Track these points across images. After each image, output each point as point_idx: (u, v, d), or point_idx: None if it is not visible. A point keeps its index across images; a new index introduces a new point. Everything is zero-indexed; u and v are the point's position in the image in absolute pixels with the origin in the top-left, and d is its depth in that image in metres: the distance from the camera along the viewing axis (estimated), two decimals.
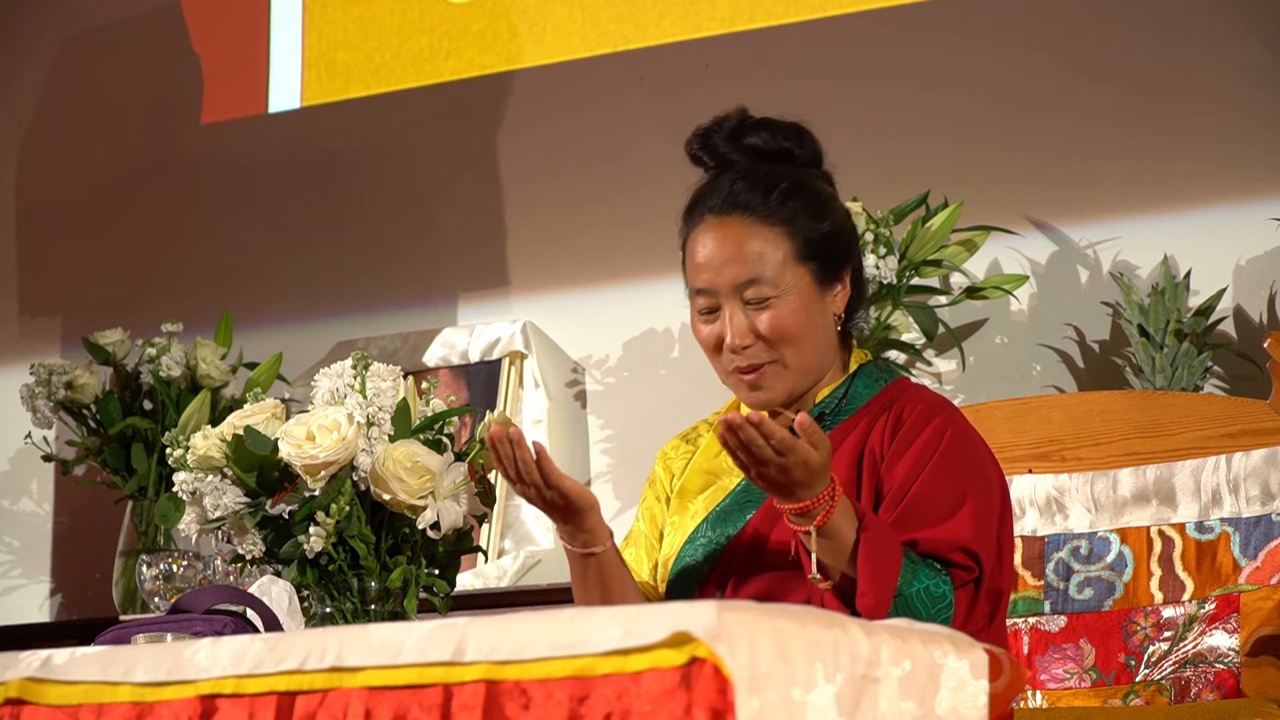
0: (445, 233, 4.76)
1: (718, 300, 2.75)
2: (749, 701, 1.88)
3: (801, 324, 2.74)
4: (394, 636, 2.06)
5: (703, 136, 2.83)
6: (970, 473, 2.70)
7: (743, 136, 2.81)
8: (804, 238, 2.75)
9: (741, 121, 2.83)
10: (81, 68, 5.22)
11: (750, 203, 2.75)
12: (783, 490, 2.53)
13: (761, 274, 2.73)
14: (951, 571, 2.62)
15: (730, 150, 2.81)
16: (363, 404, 2.78)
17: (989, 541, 2.66)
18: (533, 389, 4.49)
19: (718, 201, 2.77)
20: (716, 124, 2.83)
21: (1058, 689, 3.31)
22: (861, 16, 4.36)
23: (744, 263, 2.73)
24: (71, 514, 5.06)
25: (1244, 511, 3.33)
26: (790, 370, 2.76)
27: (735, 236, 2.75)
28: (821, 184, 2.83)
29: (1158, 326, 3.79)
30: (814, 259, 2.76)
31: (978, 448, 2.75)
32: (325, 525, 2.73)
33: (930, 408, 2.75)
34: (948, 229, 3.95)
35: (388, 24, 4.87)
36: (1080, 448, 3.55)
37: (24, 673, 2.27)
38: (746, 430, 2.48)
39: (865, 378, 2.82)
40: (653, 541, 2.92)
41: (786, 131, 2.84)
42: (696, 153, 2.83)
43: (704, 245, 2.76)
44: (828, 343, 2.79)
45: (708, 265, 2.75)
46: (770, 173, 2.78)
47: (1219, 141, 3.99)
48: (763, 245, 2.74)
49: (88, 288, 5.14)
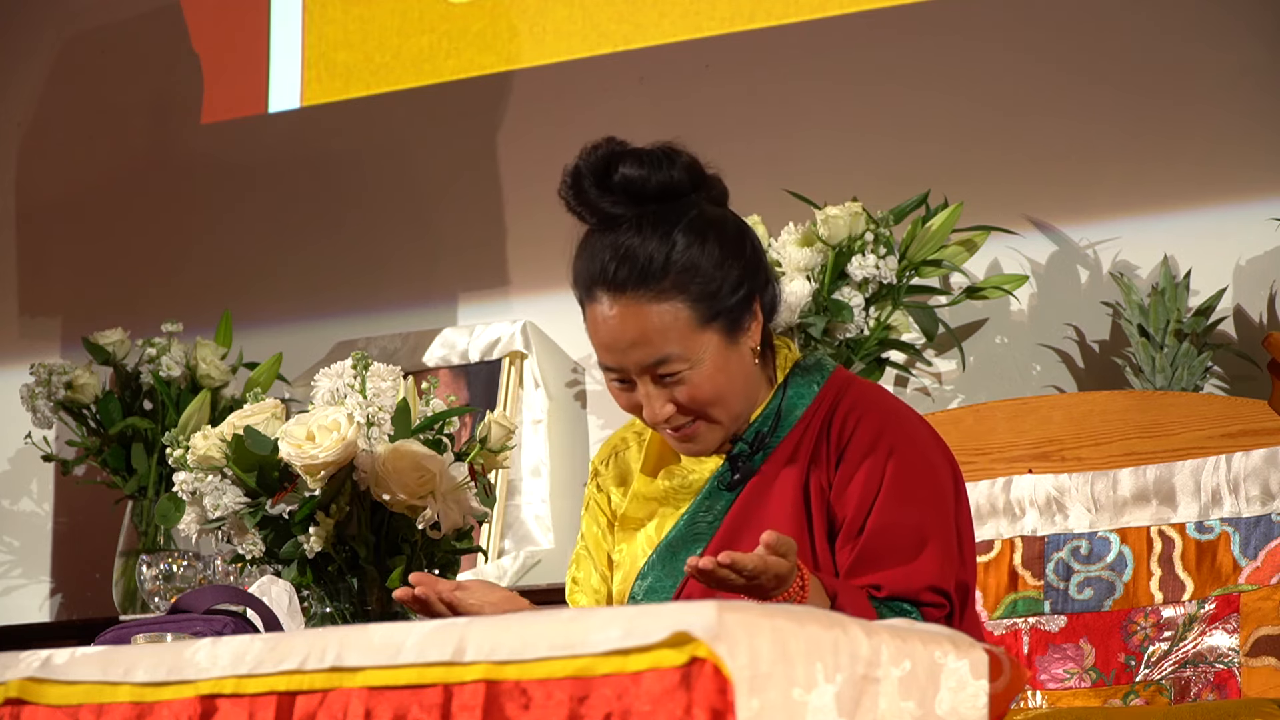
0: (445, 233, 4.76)
1: (629, 376, 2.65)
2: (749, 701, 1.88)
3: (720, 384, 2.64)
4: (394, 636, 2.06)
5: (574, 188, 2.67)
6: (923, 493, 2.63)
7: (612, 175, 2.65)
8: (705, 303, 2.62)
9: (610, 155, 2.65)
10: (81, 68, 5.23)
11: (645, 275, 2.60)
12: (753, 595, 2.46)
13: (669, 353, 2.61)
14: (923, 611, 2.58)
15: (607, 202, 2.65)
16: (363, 404, 2.78)
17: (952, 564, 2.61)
18: (533, 389, 4.49)
19: (610, 273, 2.63)
20: (582, 161, 2.67)
21: (1058, 689, 3.31)
22: (861, 16, 4.36)
23: (648, 345, 2.61)
24: (71, 514, 5.06)
25: (1244, 511, 3.33)
26: (720, 424, 2.68)
27: (634, 317, 2.61)
28: (709, 214, 2.67)
29: (1158, 326, 3.79)
30: (719, 317, 2.63)
31: (925, 455, 2.66)
32: (325, 525, 2.73)
33: (872, 421, 2.66)
34: (948, 229, 3.95)
35: (388, 24, 4.87)
36: (1080, 448, 3.55)
37: (24, 673, 2.27)
38: (719, 572, 2.41)
39: (796, 385, 2.73)
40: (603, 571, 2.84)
41: (657, 161, 2.66)
42: (573, 207, 2.68)
43: (605, 326, 2.64)
44: (750, 383, 2.69)
45: (611, 348, 2.64)
46: (657, 229, 2.63)
47: (1219, 141, 3.99)
48: (663, 321, 2.61)
49: (88, 288, 5.14)
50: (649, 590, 2.73)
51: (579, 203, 2.66)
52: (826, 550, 2.65)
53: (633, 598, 2.75)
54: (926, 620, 2.56)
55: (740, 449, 2.71)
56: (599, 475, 2.88)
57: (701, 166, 2.70)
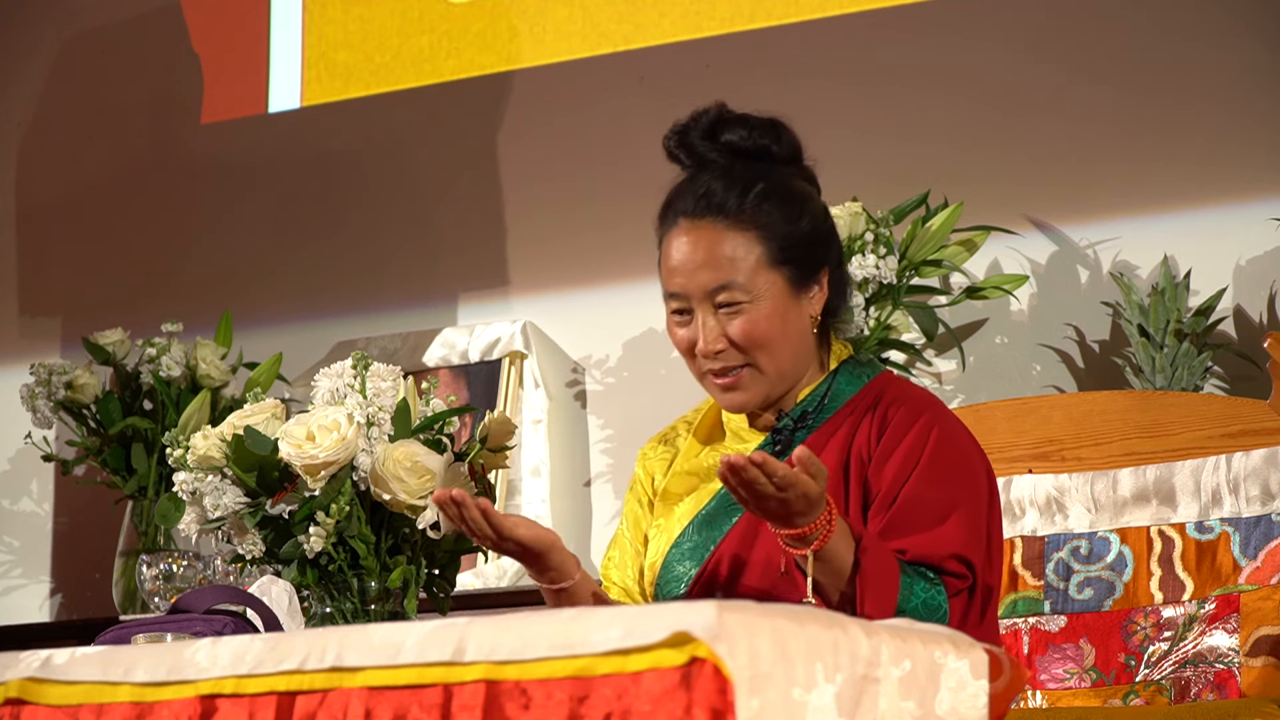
0: (445, 233, 4.76)
1: (690, 304, 2.73)
2: (749, 701, 1.88)
3: (775, 329, 2.72)
4: (394, 636, 2.06)
5: (679, 134, 2.80)
6: (958, 474, 2.68)
7: (719, 133, 2.78)
8: (778, 242, 2.72)
9: (719, 117, 2.80)
10: (81, 68, 5.22)
11: (724, 205, 2.72)
12: (780, 519, 2.50)
13: (734, 280, 2.70)
14: (945, 580, 2.61)
15: (707, 148, 2.79)
16: (363, 404, 2.78)
17: (979, 544, 2.65)
18: (533, 389, 4.49)
19: (691, 204, 2.74)
20: (693, 120, 2.80)
21: (1058, 689, 3.31)
22: (861, 16, 4.36)
23: (716, 268, 2.71)
24: (71, 514, 5.06)
25: (1244, 511, 3.33)
26: (765, 375, 2.74)
27: (708, 241, 2.72)
28: (799, 183, 2.80)
29: (1158, 326, 3.79)
30: (788, 263, 2.73)
31: (964, 445, 2.73)
32: (325, 525, 2.73)
33: (916, 406, 2.73)
34: (948, 229, 3.95)
35: (388, 24, 4.87)
36: (1080, 448, 3.55)
37: (24, 673, 2.27)
38: (750, 470, 2.44)
39: (846, 375, 2.80)
40: (638, 546, 2.89)
41: (764, 128, 2.80)
42: (673, 150, 2.81)
43: (677, 249, 2.74)
44: (804, 346, 2.77)
45: (680, 270, 2.73)
46: (746, 173, 2.75)
47: (1219, 141, 3.99)
48: (735, 250, 2.71)
49: (88, 288, 5.14)
50: (683, 556, 2.78)
51: (680, 147, 2.80)
52: (860, 521, 2.68)
53: (666, 565, 2.79)
54: (948, 588, 2.60)
55: (784, 423, 2.77)
56: (646, 457, 2.94)
57: (802, 150, 2.84)
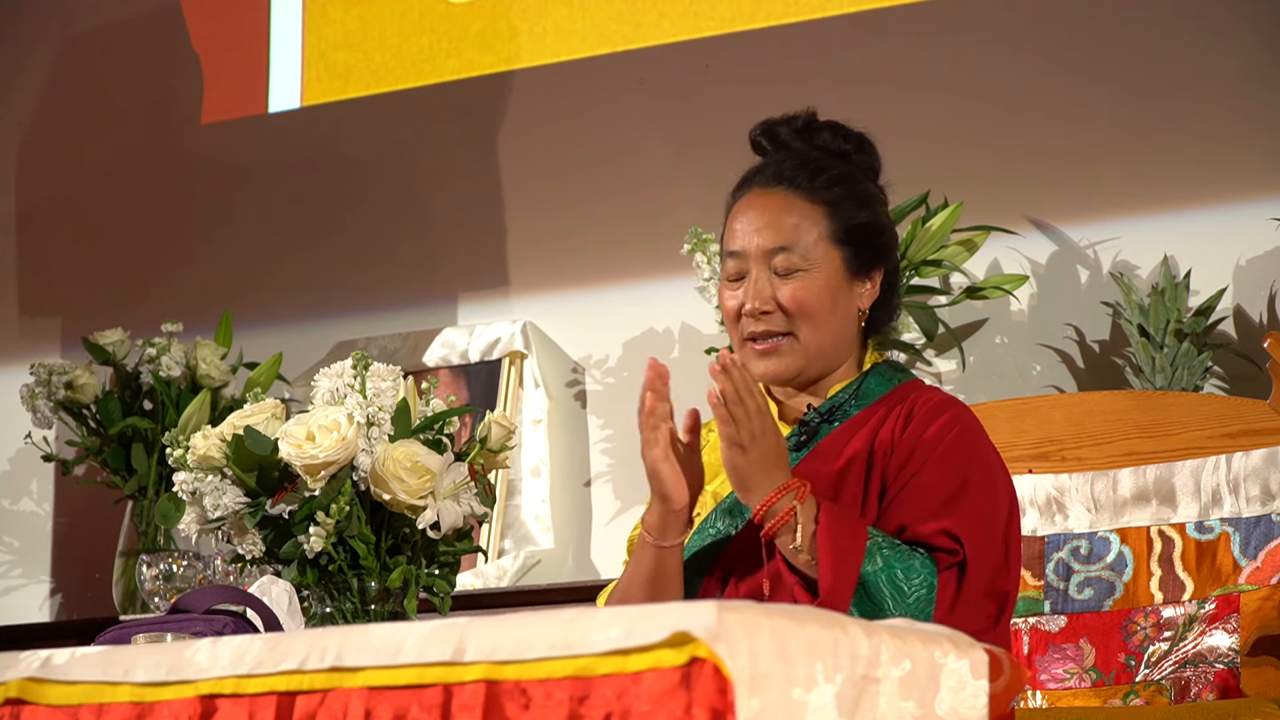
0: (445, 233, 4.76)
1: (747, 265, 2.78)
2: (749, 701, 1.88)
3: (824, 303, 2.76)
4: (394, 636, 2.06)
5: (767, 126, 2.88)
6: (972, 466, 2.69)
7: (808, 134, 2.86)
8: (843, 222, 2.78)
9: (810, 120, 2.88)
10: (81, 68, 5.22)
11: (797, 179, 2.79)
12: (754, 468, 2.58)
13: (794, 244, 2.76)
14: (935, 555, 2.62)
15: (791, 138, 2.86)
16: (363, 404, 2.78)
17: (978, 529, 2.63)
18: (533, 389, 4.49)
19: (765, 175, 2.81)
20: (785, 119, 2.88)
21: (1058, 689, 3.31)
22: (861, 16, 4.36)
23: (779, 230, 2.77)
24: (71, 514, 5.06)
25: (1244, 511, 3.33)
26: (802, 347, 2.77)
27: (776, 206, 2.78)
28: (871, 185, 2.87)
29: (1158, 326, 3.79)
30: (849, 245, 2.78)
31: (984, 446, 2.75)
32: (325, 525, 2.73)
33: (942, 404, 2.76)
34: (948, 229, 3.95)
35: (388, 24, 4.87)
36: (1080, 448, 3.55)
37: (24, 673, 2.27)
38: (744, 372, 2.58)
39: (878, 376, 2.83)
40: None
41: (851, 136, 2.89)
42: (757, 138, 2.88)
43: (744, 212, 2.80)
44: (846, 332, 2.80)
45: (743, 230, 2.79)
46: (823, 159, 2.83)
47: (1219, 141, 3.99)
48: (800, 219, 2.77)
49: (88, 288, 5.14)
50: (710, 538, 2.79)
51: (765, 135, 2.87)
52: (875, 507, 2.70)
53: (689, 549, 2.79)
54: (938, 564, 2.60)
55: (811, 416, 2.79)
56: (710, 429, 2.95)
57: (880, 168, 2.91)
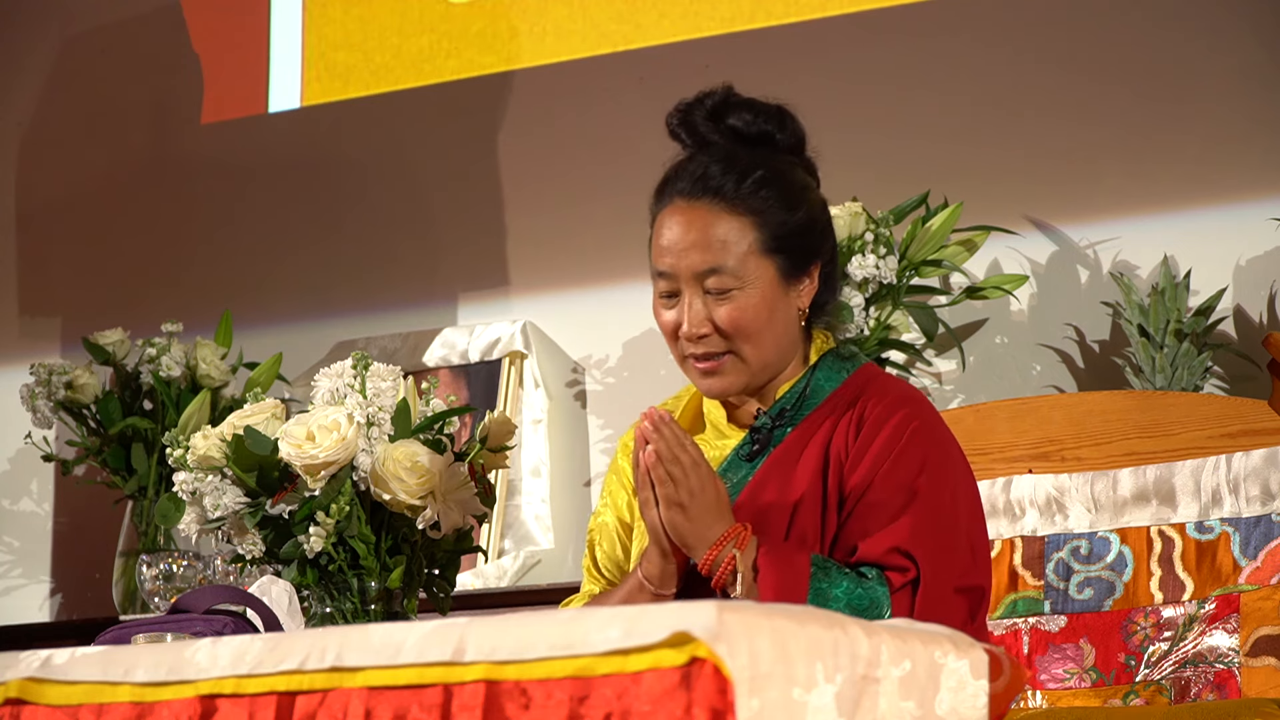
0: (445, 233, 4.76)
1: (678, 285, 2.70)
2: (749, 701, 1.88)
3: (761, 318, 2.69)
4: (394, 636, 2.06)
5: (683, 113, 2.77)
6: (923, 473, 2.64)
7: (724, 116, 2.75)
8: (772, 230, 2.69)
9: (725, 100, 2.77)
10: (81, 68, 5.22)
11: (721, 188, 2.69)
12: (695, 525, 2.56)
13: (724, 264, 2.67)
14: (887, 575, 2.58)
15: (709, 130, 2.76)
16: (363, 404, 2.78)
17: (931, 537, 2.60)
18: (533, 389, 4.49)
19: (688, 184, 2.71)
20: (698, 100, 2.77)
21: (1058, 689, 3.31)
22: (862, 16, 4.36)
23: (707, 250, 2.68)
24: (71, 514, 5.06)
25: (1244, 511, 3.33)
26: (746, 364, 2.71)
27: (701, 222, 2.69)
28: (799, 173, 2.77)
29: (1158, 326, 3.79)
30: (781, 252, 2.70)
31: (937, 446, 2.68)
32: (325, 525, 2.73)
33: (892, 404, 2.69)
34: (948, 229, 3.95)
35: (388, 24, 4.87)
36: (1080, 448, 3.55)
37: (24, 673, 2.27)
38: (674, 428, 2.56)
39: (826, 369, 2.76)
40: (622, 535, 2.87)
41: (769, 113, 2.77)
42: (675, 128, 2.78)
43: (669, 228, 2.71)
44: (788, 338, 2.73)
45: (670, 249, 2.70)
46: (745, 158, 2.72)
47: (1219, 141, 3.99)
48: (728, 234, 2.68)
49: (88, 288, 5.14)
50: None
51: (682, 125, 2.77)
52: (835, 519, 2.67)
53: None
54: (890, 584, 2.57)
55: (762, 422, 2.74)
56: (628, 448, 2.90)
57: (805, 140, 2.81)
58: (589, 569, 2.91)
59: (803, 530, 2.66)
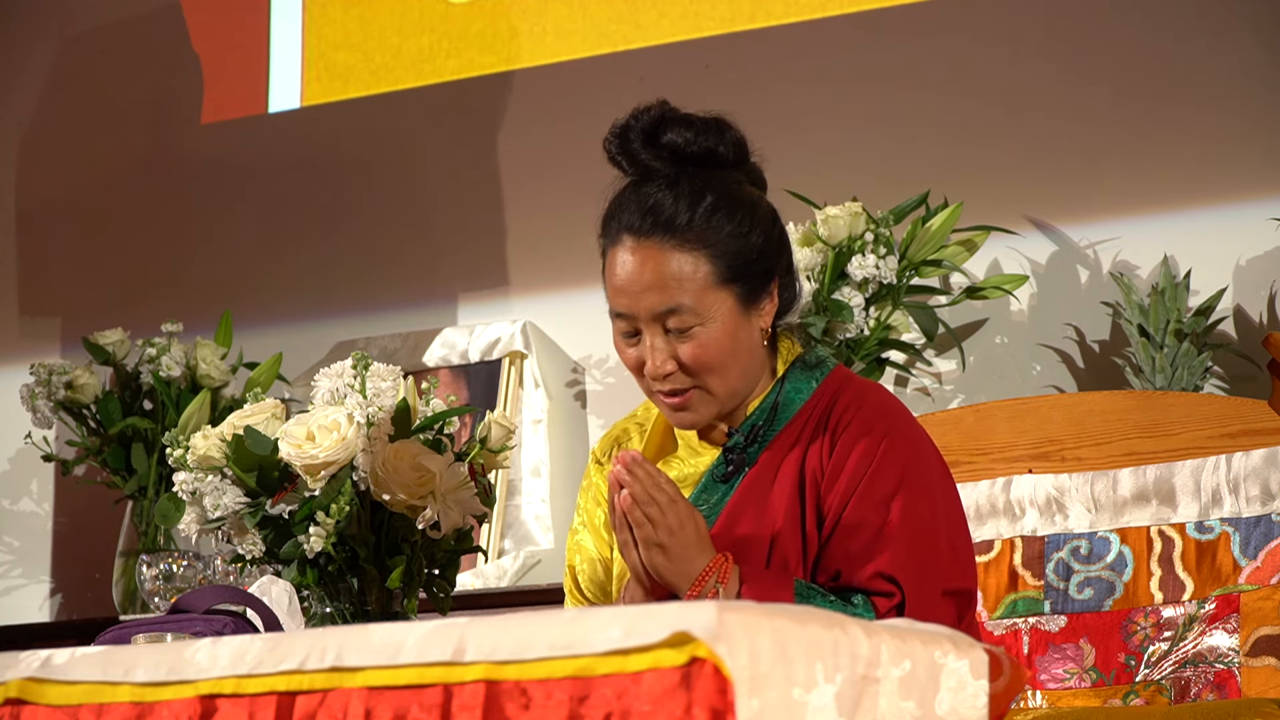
0: (445, 233, 4.76)
1: (637, 325, 2.65)
2: (749, 701, 1.88)
3: (725, 351, 2.64)
4: (394, 636, 2.06)
5: (619, 137, 2.69)
6: (901, 486, 2.62)
7: (661, 134, 2.67)
8: (727, 260, 2.63)
9: (661, 117, 2.68)
10: (81, 68, 5.23)
11: (672, 222, 2.62)
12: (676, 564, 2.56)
13: (682, 303, 2.62)
14: (873, 601, 2.58)
15: (649, 155, 2.68)
16: (363, 404, 2.78)
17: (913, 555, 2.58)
18: (533, 389, 4.49)
19: (637, 219, 2.64)
20: (634, 119, 2.69)
21: (1058, 689, 3.31)
22: (862, 16, 4.36)
23: (664, 290, 2.62)
24: (71, 514, 5.06)
25: (1244, 511, 3.33)
26: (715, 396, 2.67)
27: (654, 261, 2.62)
28: (747, 189, 2.70)
29: (1158, 326, 3.79)
30: (738, 280, 2.65)
31: (911, 453, 2.65)
32: (325, 525, 2.73)
33: (866, 418, 2.66)
34: (948, 229, 3.95)
35: (388, 24, 4.87)
36: (1080, 448, 3.55)
37: (24, 673, 2.27)
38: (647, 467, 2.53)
39: (795, 380, 2.73)
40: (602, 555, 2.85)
41: (707, 128, 2.69)
42: (614, 156, 2.69)
43: (622, 267, 2.64)
44: (754, 362, 2.70)
45: (626, 290, 2.64)
46: (691, 185, 2.65)
47: (1219, 141, 4.00)
48: (682, 269, 2.62)
49: (88, 288, 5.14)
50: None
51: (622, 154, 2.69)
52: (816, 539, 2.65)
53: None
54: (876, 609, 2.57)
55: (735, 441, 2.72)
56: (601, 465, 2.88)
57: (747, 147, 2.74)
58: (571, 590, 2.89)
59: (784, 554, 2.64)
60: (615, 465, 2.57)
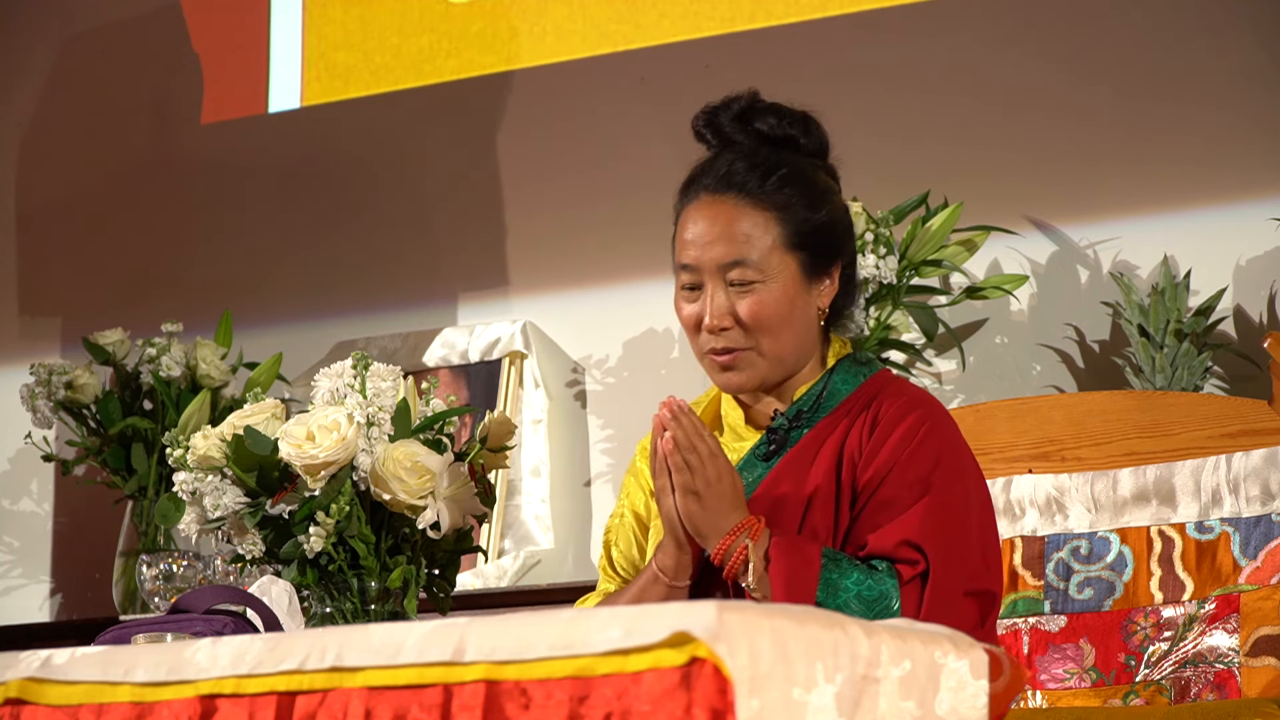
0: (445, 233, 4.76)
1: (701, 278, 2.73)
2: (749, 701, 1.88)
3: (782, 313, 2.72)
4: (394, 636, 2.06)
5: (709, 114, 2.82)
6: (936, 471, 2.66)
7: (750, 119, 2.80)
8: (795, 226, 2.73)
9: (751, 104, 2.81)
10: (81, 68, 5.23)
11: (746, 184, 2.73)
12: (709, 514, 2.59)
13: (747, 257, 2.71)
14: (897, 568, 2.60)
15: (734, 131, 2.80)
16: (363, 404, 2.78)
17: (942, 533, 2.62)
18: (533, 389, 4.49)
19: (713, 180, 2.75)
20: (725, 104, 2.82)
21: (1058, 689, 3.31)
22: (862, 16, 4.36)
23: (731, 243, 2.71)
24: (71, 514, 5.06)
25: (1244, 511, 3.33)
26: (765, 359, 2.73)
27: (726, 216, 2.72)
28: (822, 176, 2.80)
29: (1158, 326, 3.79)
30: (803, 249, 2.73)
31: (950, 448, 2.71)
32: (325, 525, 2.73)
33: (907, 405, 2.72)
34: (948, 229, 3.95)
35: (388, 24, 4.87)
36: (1080, 448, 3.55)
37: (24, 673, 2.27)
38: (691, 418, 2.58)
39: (843, 373, 2.79)
40: (638, 533, 2.89)
41: (794, 119, 2.81)
42: (700, 130, 2.82)
43: (694, 222, 2.74)
44: (808, 336, 2.77)
45: (695, 242, 2.73)
46: (771, 157, 2.76)
47: (1219, 141, 4.00)
48: (752, 228, 2.72)
49: (88, 288, 5.14)
50: None
51: (708, 127, 2.81)
52: (848, 515, 2.69)
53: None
54: (900, 576, 2.59)
55: (779, 423, 2.76)
56: (646, 451, 2.91)
57: (828, 146, 2.84)
58: (604, 568, 2.93)
59: (815, 525, 2.68)
60: (661, 410, 2.62)
